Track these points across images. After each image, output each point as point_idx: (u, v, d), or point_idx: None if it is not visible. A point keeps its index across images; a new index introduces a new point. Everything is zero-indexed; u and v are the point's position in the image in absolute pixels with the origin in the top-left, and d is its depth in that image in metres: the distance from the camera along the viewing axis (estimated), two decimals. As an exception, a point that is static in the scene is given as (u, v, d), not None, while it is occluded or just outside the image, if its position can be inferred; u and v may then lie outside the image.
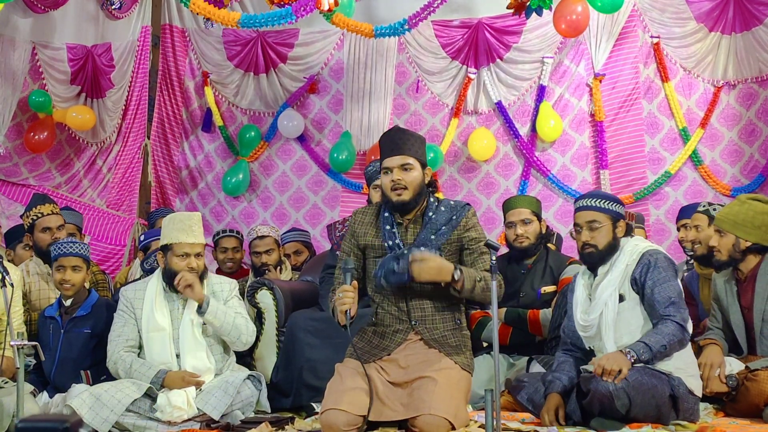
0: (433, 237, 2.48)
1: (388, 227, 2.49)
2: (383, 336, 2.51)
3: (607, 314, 2.56)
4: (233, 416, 2.88)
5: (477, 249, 2.51)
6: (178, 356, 2.93)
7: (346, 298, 2.38)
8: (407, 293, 2.50)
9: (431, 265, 2.37)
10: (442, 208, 2.53)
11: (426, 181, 2.51)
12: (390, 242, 2.48)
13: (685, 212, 3.79)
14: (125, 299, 3.00)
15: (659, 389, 2.45)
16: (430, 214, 2.51)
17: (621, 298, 2.57)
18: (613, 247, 2.60)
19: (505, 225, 3.34)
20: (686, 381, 2.53)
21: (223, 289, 3.01)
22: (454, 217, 2.51)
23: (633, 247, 2.61)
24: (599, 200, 2.63)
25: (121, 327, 2.96)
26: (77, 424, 1.22)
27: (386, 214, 2.53)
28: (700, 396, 2.60)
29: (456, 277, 2.39)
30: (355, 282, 2.42)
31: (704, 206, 3.47)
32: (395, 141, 2.49)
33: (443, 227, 2.49)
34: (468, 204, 2.59)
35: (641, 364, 2.46)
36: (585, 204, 2.65)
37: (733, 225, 2.85)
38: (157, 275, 3.00)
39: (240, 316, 2.98)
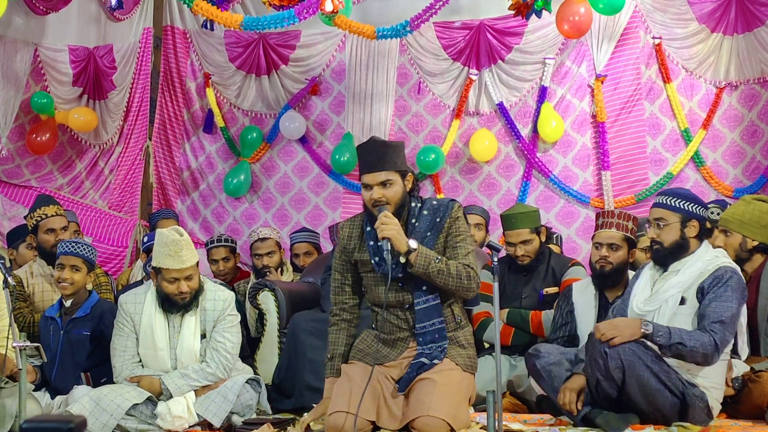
0: None
1: (372, 243, 2.44)
2: (385, 342, 2.49)
3: (665, 311, 2.53)
4: (233, 418, 2.89)
5: (454, 243, 2.43)
6: None
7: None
8: (404, 303, 2.46)
9: (392, 225, 2.33)
10: (425, 212, 2.46)
11: (408, 189, 2.45)
12: (376, 258, 2.43)
13: None
14: (124, 312, 2.96)
15: (656, 377, 2.42)
16: (413, 221, 2.45)
17: (682, 301, 2.53)
18: (681, 246, 2.55)
19: (506, 242, 3.33)
20: (709, 399, 2.50)
21: (215, 307, 2.95)
22: (438, 220, 2.45)
23: (713, 258, 2.55)
24: (670, 198, 2.59)
25: (125, 341, 2.95)
26: (82, 424, 1.22)
27: (368, 229, 2.47)
28: (714, 417, 2.58)
29: (412, 246, 2.33)
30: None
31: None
32: (373, 156, 2.41)
33: (428, 233, 2.43)
34: (452, 200, 2.50)
35: (661, 369, 2.42)
36: (656, 201, 2.64)
37: (739, 225, 2.84)
38: (153, 291, 2.96)
39: (205, 373, 2.89)
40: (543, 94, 4.77)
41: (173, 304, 2.91)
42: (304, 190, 5.18)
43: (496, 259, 2.33)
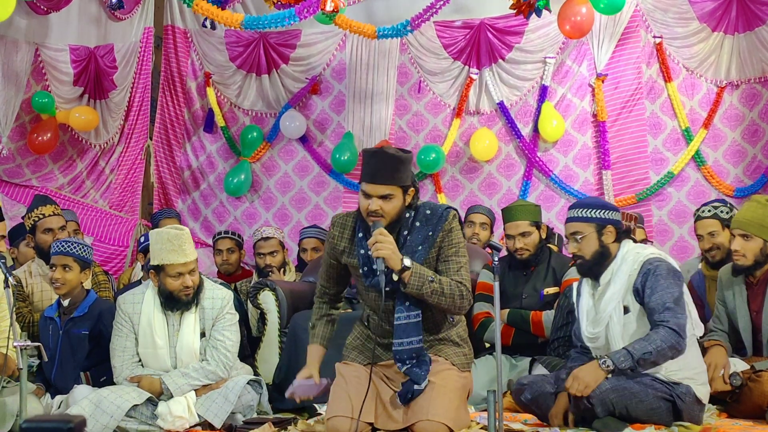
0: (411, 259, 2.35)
1: (362, 252, 2.37)
2: (378, 344, 2.47)
3: (613, 327, 2.53)
4: (234, 418, 2.89)
5: (446, 256, 2.37)
6: None
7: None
8: (394, 309, 2.42)
9: (387, 243, 2.27)
10: (417, 224, 2.38)
11: (407, 203, 2.37)
12: (365, 268, 2.38)
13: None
14: (123, 312, 2.96)
15: (644, 394, 2.43)
16: (405, 232, 2.37)
17: (626, 310, 2.52)
18: (602, 254, 2.55)
19: (505, 235, 3.34)
20: (695, 389, 2.50)
21: (214, 306, 2.95)
22: (431, 233, 2.37)
23: (635, 256, 2.55)
24: (580, 210, 2.59)
25: (124, 341, 2.95)
26: (81, 424, 1.22)
27: (360, 235, 2.41)
28: (706, 403, 2.58)
29: (407, 264, 2.26)
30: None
31: (710, 210, 3.30)
32: (379, 167, 2.30)
33: (419, 247, 2.36)
34: (447, 209, 2.40)
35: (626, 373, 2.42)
36: (569, 216, 2.63)
37: (760, 228, 2.80)
38: (152, 290, 2.95)
39: (205, 372, 2.90)
40: (543, 93, 4.77)
41: (177, 302, 2.90)
42: (304, 189, 5.18)
43: (496, 258, 2.32)
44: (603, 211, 2.58)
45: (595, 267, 2.57)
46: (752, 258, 2.82)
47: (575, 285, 3.11)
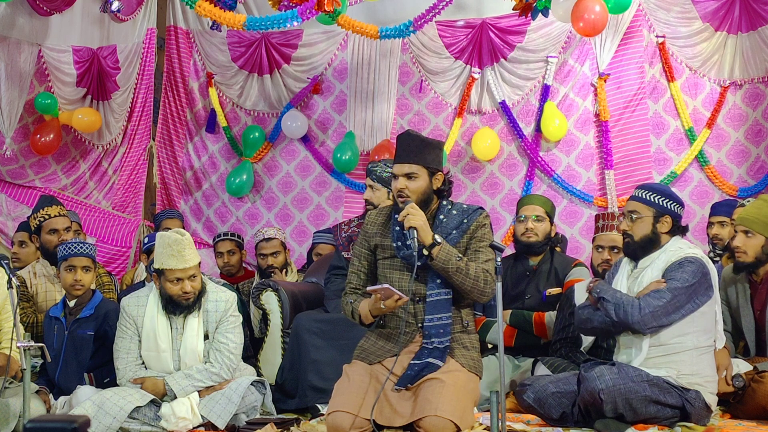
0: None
1: (398, 228, 2.50)
2: (389, 338, 2.51)
3: None
4: (238, 419, 2.90)
5: (477, 247, 2.49)
6: None
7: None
8: (416, 296, 2.49)
9: (419, 216, 2.40)
10: (454, 212, 2.52)
11: (435, 187, 2.50)
12: (399, 243, 2.48)
13: (720, 209, 3.72)
14: (127, 314, 2.98)
15: (653, 398, 2.43)
16: (441, 216, 2.50)
17: None
18: (651, 241, 2.58)
19: (517, 219, 3.35)
20: (705, 396, 2.51)
21: (218, 309, 2.97)
22: (465, 221, 2.50)
23: (677, 250, 2.58)
24: (646, 192, 2.62)
25: (128, 343, 2.96)
26: (85, 424, 1.22)
27: (396, 216, 2.52)
28: (714, 411, 2.59)
29: (438, 240, 2.39)
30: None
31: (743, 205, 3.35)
32: (404, 148, 2.48)
33: (453, 231, 2.48)
34: (481, 208, 2.56)
35: (638, 374, 2.44)
36: (633, 194, 2.67)
37: (764, 226, 2.81)
38: (156, 292, 2.97)
39: (209, 373, 2.91)
40: (546, 92, 4.76)
41: (177, 306, 2.92)
42: (306, 189, 5.18)
43: (499, 259, 2.33)
44: (667, 200, 2.61)
45: (639, 250, 2.60)
46: (753, 255, 2.83)
47: (579, 284, 3.12)
